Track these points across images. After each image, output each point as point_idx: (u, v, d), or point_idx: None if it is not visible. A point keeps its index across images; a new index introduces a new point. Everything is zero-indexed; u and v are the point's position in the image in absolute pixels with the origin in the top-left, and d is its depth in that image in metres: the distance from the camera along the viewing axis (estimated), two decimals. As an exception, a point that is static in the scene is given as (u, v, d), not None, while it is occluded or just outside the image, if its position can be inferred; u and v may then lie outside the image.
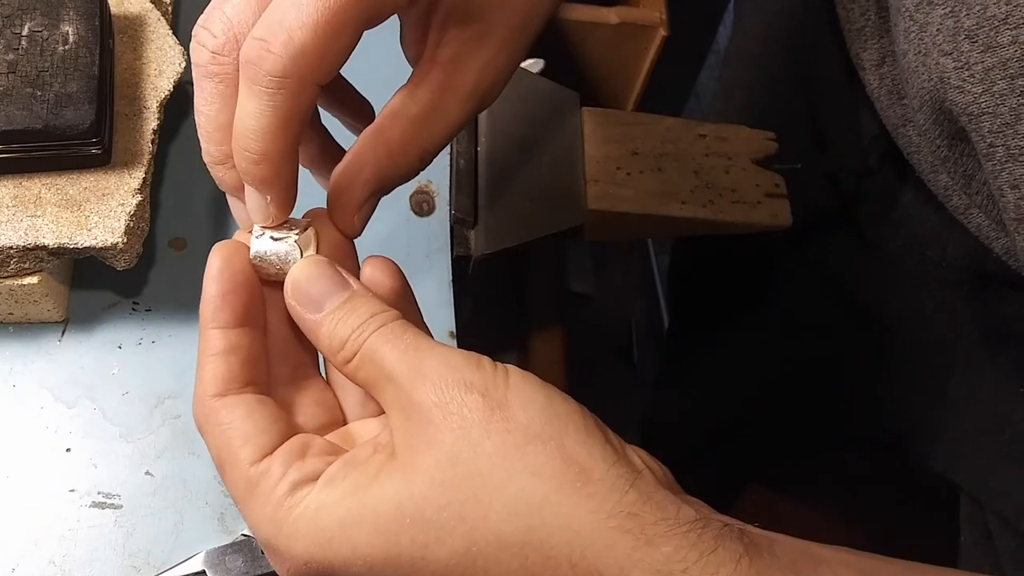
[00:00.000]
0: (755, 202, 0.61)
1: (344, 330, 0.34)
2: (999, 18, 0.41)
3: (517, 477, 0.30)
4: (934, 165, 0.53)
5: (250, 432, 0.34)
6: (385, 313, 0.34)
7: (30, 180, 0.48)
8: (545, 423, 0.31)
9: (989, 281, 0.57)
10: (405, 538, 0.31)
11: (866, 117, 0.61)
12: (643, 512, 0.30)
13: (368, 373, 0.33)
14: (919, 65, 0.48)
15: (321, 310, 0.34)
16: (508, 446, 0.30)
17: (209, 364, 0.35)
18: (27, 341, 0.51)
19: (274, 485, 0.32)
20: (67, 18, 0.49)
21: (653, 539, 0.29)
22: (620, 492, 0.30)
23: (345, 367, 0.34)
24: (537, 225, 0.59)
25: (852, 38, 0.59)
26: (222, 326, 0.35)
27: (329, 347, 0.34)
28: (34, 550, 0.46)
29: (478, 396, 0.31)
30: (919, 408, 0.68)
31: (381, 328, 0.33)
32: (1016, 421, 0.59)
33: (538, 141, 0.61)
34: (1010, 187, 0.44)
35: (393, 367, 0.32)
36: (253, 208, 0.36)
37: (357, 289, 0.35)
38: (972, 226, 0.52)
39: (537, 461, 0.30)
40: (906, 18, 0.49)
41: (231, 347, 0.35)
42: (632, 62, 0.73)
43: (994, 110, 0.43)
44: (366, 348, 0.33)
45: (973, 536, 0.63)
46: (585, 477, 0.30)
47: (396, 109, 0.38)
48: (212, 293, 0.35)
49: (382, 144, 0.37)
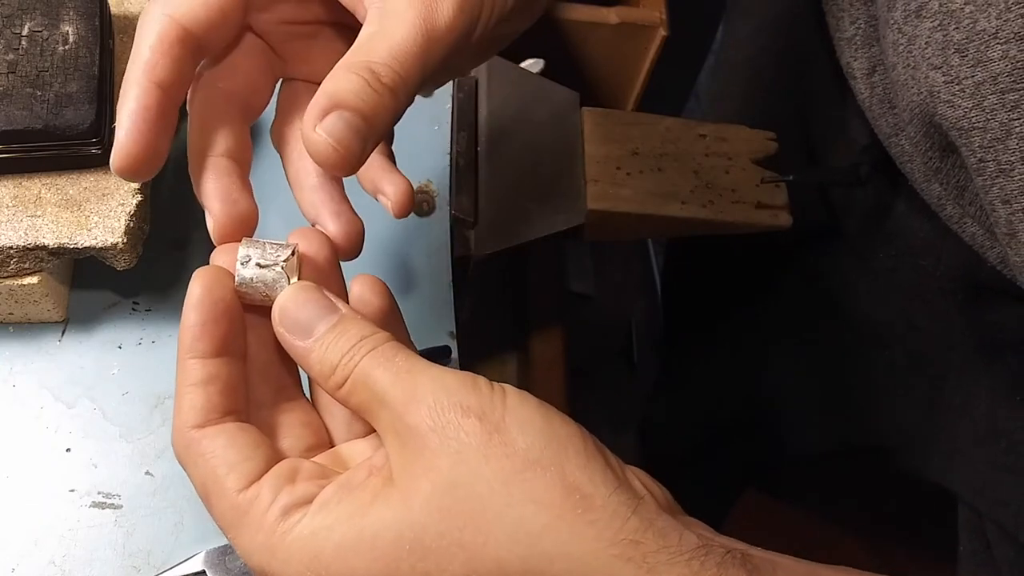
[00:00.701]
0: (755, 202, 0.61)
1: (334, 355, 0.33)
2: (989, 32, 0.41)
3: (517, 504, 0.30)
4: (927, 175, 0.53)
5: (234, 460, 0.33)
6: (375, 335, 0.34)
7: (30, 180, 0.48)
8: (544, 447, 0.31)
9: (983, 290, 0.57)
10: (405, 565, 0.30)
11: (857, 126, 0.61)
12: (645, 540, 0.29)
13: (361, 398, 0.33)
14: (908, 78, 0.48)
15: (311, 336, 0.34)
16: (507, 471, 0.30)
17: (187, 395, 0.34)
18: (27, 341, 0.51)
19: (265, 510, 0.32)
20: (67, 18, 0.49)
21: (655, 568, 0.29)
22: (622, 519, 0.30)
23: (337, 392, 0.33)
24: (537, 225, 0.59)
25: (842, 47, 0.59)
26: (200, 356, 0.35)
27: (320, 373, 0.34)
28: (34, 550, 0.46)
29: (475, 420, 0.31)
30: (914, 417, 0.68)
31: (372, 352, 0.33)
32: (1012, 430, 0.59)
33: (538, 141, 0.61)
34: (1001, 202, 0.43)
35: (386, 391, 0.32)
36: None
37: (345, 312, 0.35)
38: (966, 236, 0.52)
39: (537, 488, 0.30)
40: (895, 30, 0.49)
41: (210, 377, 0.34)
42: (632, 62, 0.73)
43: (984, 125, 0.43)
44: (358, 372, 0.33)
45: (972, 545, 0.63)
46: (586, 504, 0.30)
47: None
48: (191, 322, 0.35)
49: (331, 75, 0.35)
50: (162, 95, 0.36)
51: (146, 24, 0.36)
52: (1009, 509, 0.60)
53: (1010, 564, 0.60)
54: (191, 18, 0.36)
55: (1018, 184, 0.42)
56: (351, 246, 0.39)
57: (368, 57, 0.35)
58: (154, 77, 0.35)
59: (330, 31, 0.41)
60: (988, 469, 0.61)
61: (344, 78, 0.34)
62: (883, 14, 0.51)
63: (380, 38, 0.35)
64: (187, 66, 0.36)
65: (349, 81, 0.34)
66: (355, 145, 0.34)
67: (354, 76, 0.34)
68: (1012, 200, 0.43)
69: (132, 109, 0.35)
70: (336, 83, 0.34)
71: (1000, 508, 0.61)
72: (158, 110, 0.36)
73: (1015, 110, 0.41)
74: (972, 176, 0.46)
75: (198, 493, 0.34)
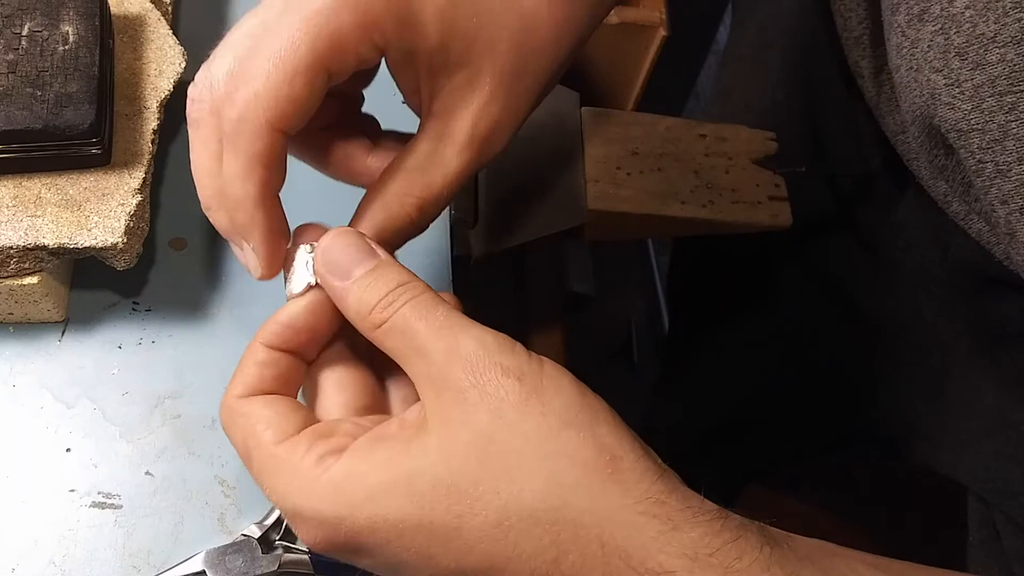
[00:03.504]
0: (755, 202, 0.61)
1: (373, 295, 0.35)
2: (988, 36, 0.42)
3: (552, 459, 0.31)
4: (932, 173, 0.53)
5: (272, 418, 0.35)
6: (414, 283, 0.35)
7: (30, 180, 0.48)
8: (579, 411, 0.32)
9: (990, 282, 0.57)
10: (440, 507, 0.31)
11: (865, 123, 0.61)
12: (669, 501, 0.31)
13: (397, 343, 0.34)
14: (911, 81, 0.48)
15: (350, 277, 0.36)
16: (543, 429, 0.32)
17: (243, 370, 0.36)
18: (27, 341, 0.51)
19: (302, 457, 0.33)
20: (67, 18, 0.49)
21: (680, 525, 0.31)
22: (649, 481, 0.31)
23: (373, 332, 0.35)
24: (537, 225, 0.59)
25: (850, 46, 0.59)
26: (272, 347, 0.37)
27: (358, 312, 0.35)
28: (34, 550, 0.46)
29: (515, 380, 0.32)
30: (921, 409, 0.68)
31: (413, 300, 0.34)
32: (1020, 421, 0.59)
33: (538, 141, 0.61)
34: (1000, 202, 0.44)
35: (426, 342, 0.33)
36: (242, 258, 0.38)
37: (384, 258, 0.36)
38: (972, 231, 0.53)
39: (571, 446, 0.31)
40: (898, 34, 0.49)
41: (271, 361, 0.36)
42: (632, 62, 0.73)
43: (983, 127, 0.43)
44: (398, 317, 0.34)
45: (981, 536, 0.63)
46: (616, 464, 0.31)
47: (395, 163, 0.39)
48: (287, 321, 0.37)
49: (378, 196, 0.38)
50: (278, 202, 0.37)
51: (251, 132, 0.35)
52: (1018, 500, 0.60)
53: (1020, 555, 0.60)
54: (294, 125, 0.35)
55: (1015, 184, 0.43)
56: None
57: (422, 194, 0.38)
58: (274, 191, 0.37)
59: None
60: (997, 460, 0.61)
61: (396, 216, 0.38)
62: (887, 17, 0.51)
63: (436, 169, 0.38)
64: (284, 157, 0.37)
65: (400, 220, 0.38)
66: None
67: (405, 215, 0.38)
68: (1010, 200, 0.43)
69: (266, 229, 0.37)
70: (386, 218, 0.38)
71: (1009, 499, 0.61)
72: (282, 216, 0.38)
73: (1012, 112, 0.42)
74: (971, 178, 0.46)
75: (240, 455, 0.36)
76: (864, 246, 0.67)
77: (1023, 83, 0.41)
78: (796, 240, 0.65)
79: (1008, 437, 0.60)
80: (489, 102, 0.38)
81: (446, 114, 0.38)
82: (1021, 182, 0.42)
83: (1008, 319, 0.58)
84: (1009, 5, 0.40)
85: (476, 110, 0.38)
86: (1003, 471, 0.61)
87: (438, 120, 0.38)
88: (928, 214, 0.58)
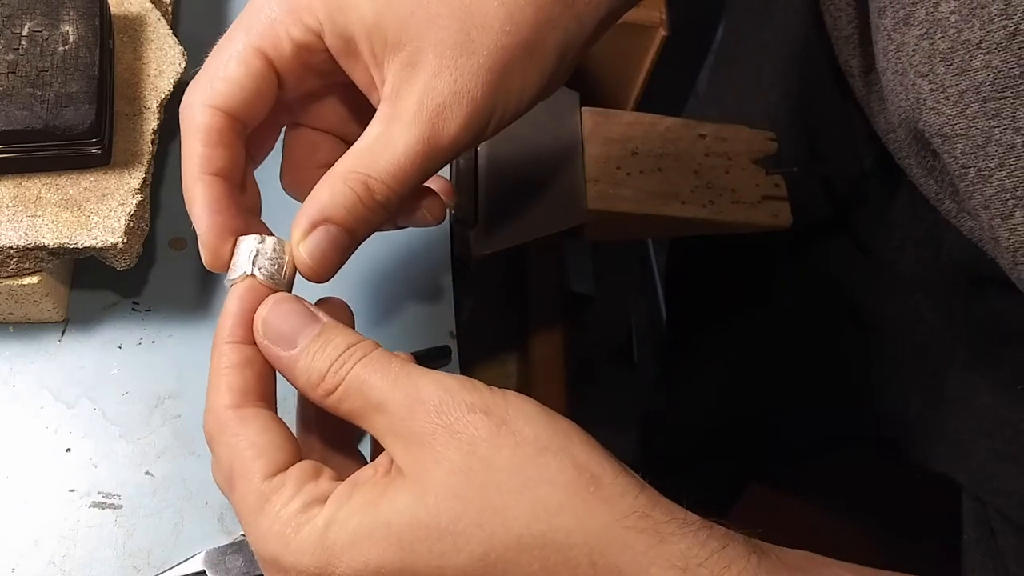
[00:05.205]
0: (755, 202, 0.61)
1: (322, 362, 0.34)
2: (973, 42, 0.42)
3: (532, 485, 0.31)
4: (923, 172, 0.54)
5: (265, 447, 0.34)
6: (363, 343, 0.35)
7: (30, 180, 0.48)
8: (551, 436, 0.32)
9: (985, 280, 0.58)
10: (421, 548, 0.31)
11: (858, 122, 0.61)
12: (654, 513, 0.31)
13: (354, 404, 0.34)
14: (897, 84, 0.48)
15: (295, 346, 0.35)
16: (519, 457, 0.32)
17: (224, 376, 0.35)
18: (27, 341, 0.51)
19: (286, 502, 0.33)
20: (67, 18, 0.49)
21: (667, 537, 0.31)
22: (632, 496, 0.32)
23: (327, 399, 0.34)
24: (537, 225, 0.59)
25: (840, 45, 0.59)
26: (238, 341, 0.36)
27: (308, 381, 0.34)
28: (34, 550, 0.46)
29: (481, 415, 0.32)
30: (918, 408, 0.68)
31: (365, 359, 0.34)
32: (1016, 420, 0.59)
33: (538, 141, 0.61)
34: (982, 207, 0.44)
35: (385, 395, 0.33)
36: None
37: (327, 321, 0.35)
38: (964, 229, 0.53)
39: (550, 470, 0.32)
40: (884, 37, 0.49)
41: (246, 360, 0.35)
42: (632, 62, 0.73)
43: (966, 132, 0.43)
44: (351, 378, 0.34)
45: (976, 534, 0.63)
46: (596, 483, 0.32)
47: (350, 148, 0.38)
48: (233, 310, 0.36)
49: (325, 179, 0.37)
50: (224, 183, 0.37)
51: (190, 116, 0.37)
52: (1013, 499, 0.60)
53: (1015, 553, 0.60)
54: (233, 105, 0.37)
55: (996, 191, 0.43)
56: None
57: (367, 170, 0.36)
58: (212, 168, 0.37)
59: (342, 89, 0.42)
60: (992, 459, 0.62)
61: (340, 192, 0.36)
62: (874, 20, 0.52)
63: (382, 147, 0.37)
64: (238, 149, 0.38)
65: (344, 196, 0.36)
66: (335, 258, 0.37)
67: (349, 191, 0.36)
68: (991, 206, 0.43)
69: (203, 204, 0.37)
70: (330, 196, 0.36)
71: (1004, 498, 0.61)
72: (227, 198, 0.37)
73: (995, 118, 0.42)
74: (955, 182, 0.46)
75: (219, 473, 0.35)
76: (860, 247, 0.67)
77: (1007, 89, 0.41)
78: (794, 241, 0.65)
79: (1004, 436, 0.60)
80: (434, 77, 0.36)
81: (394, 95, 0.37)
82: (1002, 188, 0.42)
83: (1003, 317, 0.58)
84: (995, 12, 0.40)
85: (421, 86, 0.36)
86: (999, 470, 0.61)
87: (387, 102, 0.37)
88: (921, 213, 0.58)
